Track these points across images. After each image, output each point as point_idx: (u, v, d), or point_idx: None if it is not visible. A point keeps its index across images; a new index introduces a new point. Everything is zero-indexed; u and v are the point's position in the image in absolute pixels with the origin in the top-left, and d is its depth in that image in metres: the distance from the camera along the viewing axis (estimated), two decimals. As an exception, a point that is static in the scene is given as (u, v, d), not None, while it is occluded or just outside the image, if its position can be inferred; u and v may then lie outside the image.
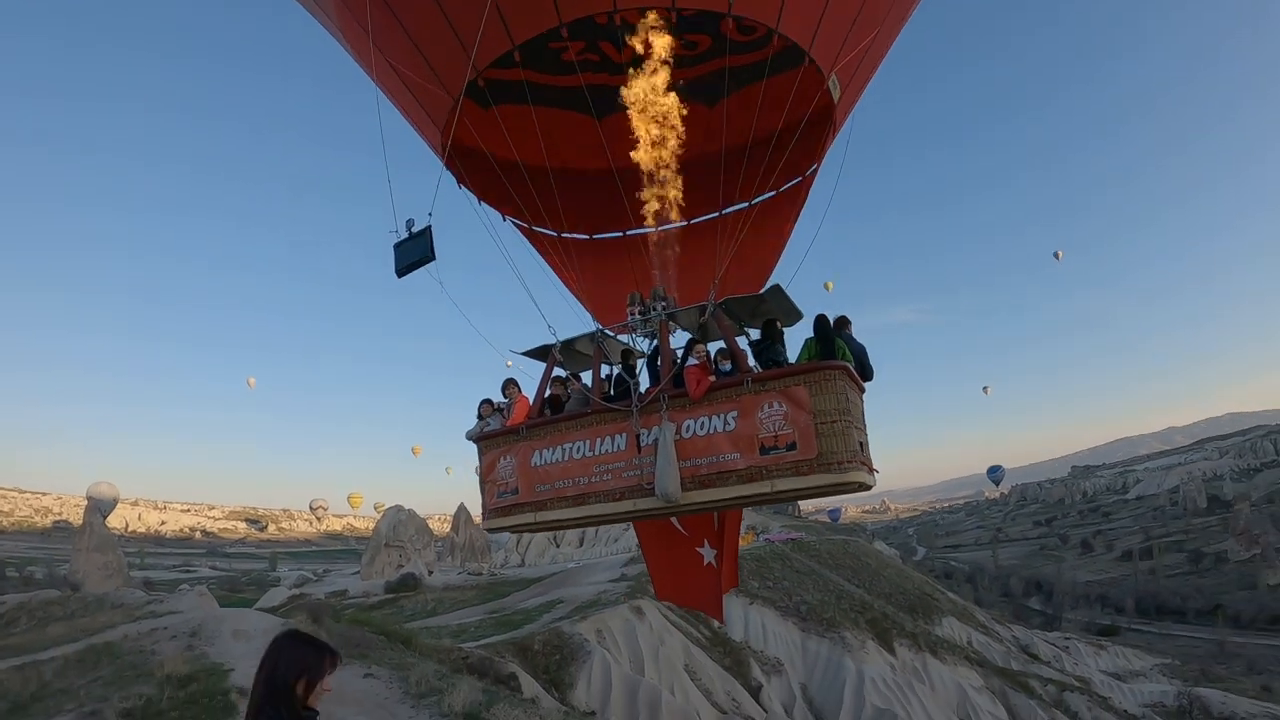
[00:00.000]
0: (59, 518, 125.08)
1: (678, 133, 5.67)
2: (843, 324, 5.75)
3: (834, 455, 4.69)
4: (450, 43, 5.20)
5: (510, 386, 6.30)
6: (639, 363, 6.30)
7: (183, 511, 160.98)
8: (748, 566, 27.45)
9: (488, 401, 6.40)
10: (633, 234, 7.50)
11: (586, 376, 6.25)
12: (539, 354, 6.30)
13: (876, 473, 5.23)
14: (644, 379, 5.97)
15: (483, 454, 6.11)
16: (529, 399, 6.14)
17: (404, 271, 4.60)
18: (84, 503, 58.07)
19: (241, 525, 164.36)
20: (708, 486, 4.94)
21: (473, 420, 6.46)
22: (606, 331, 6.17)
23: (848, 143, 7.01)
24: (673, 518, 7.23)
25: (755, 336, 5.93)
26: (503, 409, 6.24)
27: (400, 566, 47.52)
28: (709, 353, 5.61)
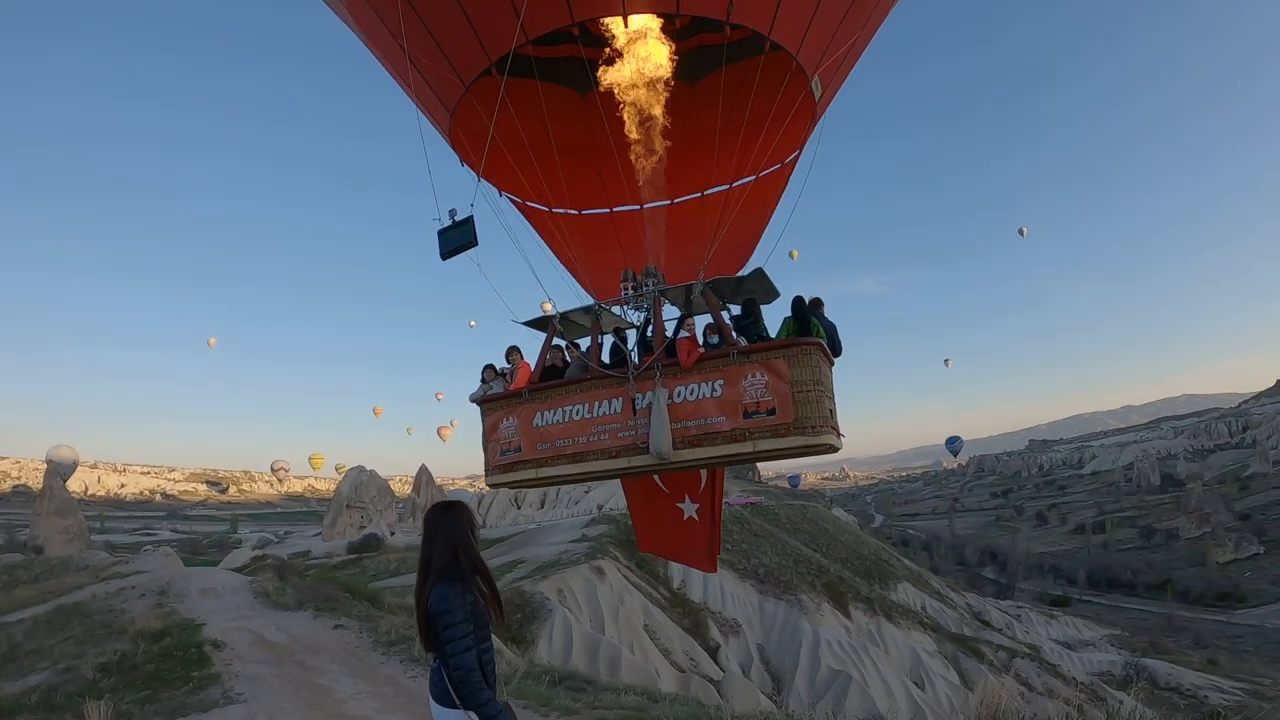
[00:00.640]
0: (18, 482, 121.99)
1: (663, 109, 6.03)
2: (816, 304, 6.40)
3: (808, 420, 5.34)
4: (465, 34, 5.55)
5: (514, 353, 6.72)
6: (628, 334, 6.89)
7: (143, 474, 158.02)
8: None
9: (490, 367, 6.80)
10: (619, 211, 7.88)
11: (585, 346, 6.81)
12: (539, 324, 6.82)
13: (843, 437, 5.91)
14: (634, 350, 6.55)
15: (486, 415, 6.52)
16: (530, 365, 6.65)
17: (449, 255, 5.06)
18: (43, 467, 56.87)
19: (202, 487, 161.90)
20: (697, 446, 5.53)
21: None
22: (603, 305, 6.69)
23: (821, 131, 7.48)
24: (655, 476, 7.86)
25: (736, 312, 6.53)
26: (506, 374, 6.70)
27: (362, 527, 47.50)
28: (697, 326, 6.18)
